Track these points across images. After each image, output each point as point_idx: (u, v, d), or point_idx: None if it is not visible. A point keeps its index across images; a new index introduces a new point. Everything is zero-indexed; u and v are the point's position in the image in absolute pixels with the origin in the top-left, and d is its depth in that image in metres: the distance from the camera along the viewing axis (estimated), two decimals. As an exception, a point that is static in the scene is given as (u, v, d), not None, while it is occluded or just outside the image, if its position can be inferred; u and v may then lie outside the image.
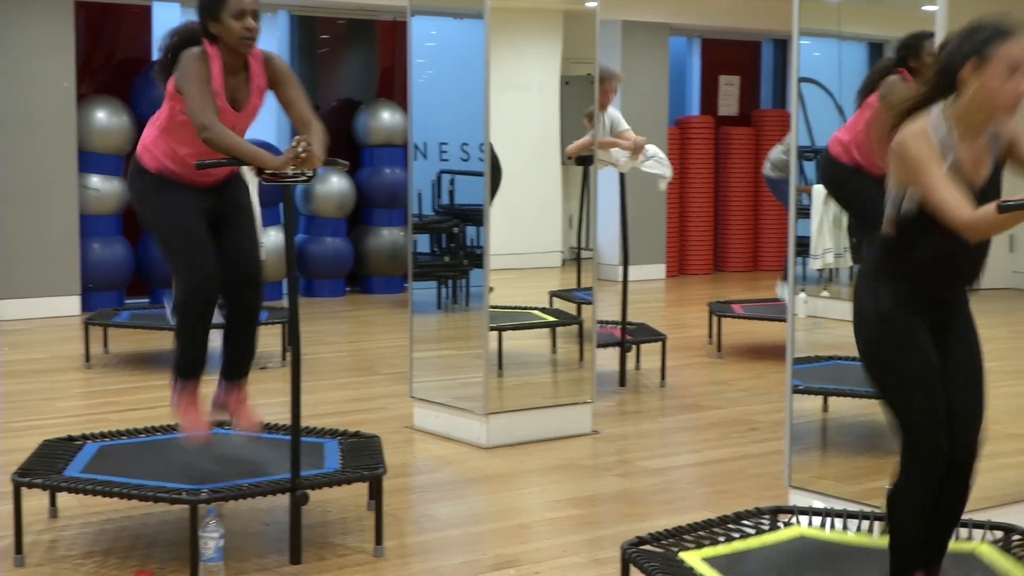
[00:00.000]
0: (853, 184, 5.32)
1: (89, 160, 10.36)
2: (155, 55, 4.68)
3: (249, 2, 4.41)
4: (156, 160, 4.56)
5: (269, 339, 8.45)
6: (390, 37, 12.35)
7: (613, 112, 7.44)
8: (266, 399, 6.72)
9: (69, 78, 10.09)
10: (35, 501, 4.68)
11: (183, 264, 4.54)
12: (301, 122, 4.55)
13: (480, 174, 6.10)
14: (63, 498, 4.83)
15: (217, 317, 4.71)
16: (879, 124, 3.57)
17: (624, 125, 7.48)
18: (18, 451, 5.46)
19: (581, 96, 6.79)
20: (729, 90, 14.57)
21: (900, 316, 3.36)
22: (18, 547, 4.31)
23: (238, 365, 4.75)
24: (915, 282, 3.37)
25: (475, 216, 6.33)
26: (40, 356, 8.47)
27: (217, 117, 4.35)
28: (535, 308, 7.26)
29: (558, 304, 7.33)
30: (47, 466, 4.52)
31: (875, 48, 6.42)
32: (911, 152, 3.23)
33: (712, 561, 3.73)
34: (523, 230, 7.15)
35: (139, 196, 4.66)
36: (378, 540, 4.47)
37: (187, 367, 4.62)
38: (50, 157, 10.03)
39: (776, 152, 8.76)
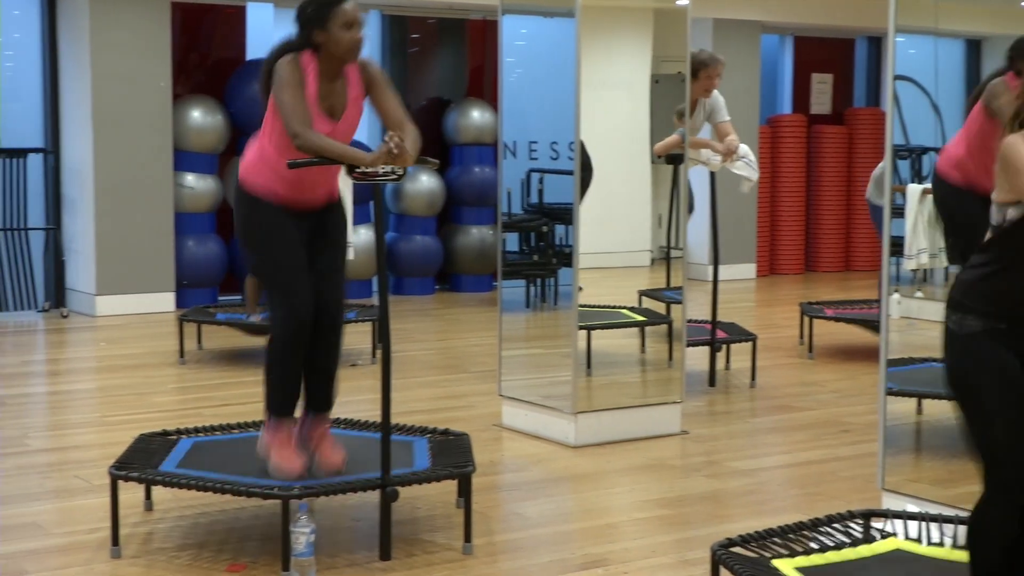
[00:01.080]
0: (966, 207, 5.16)
1: (184, 159, 10.52)
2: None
3: (357, 14, 4.42)
4: (260, 182, 4.52)
5: (359, 337, 8.52)
6: (480, 36, 12.38)
7: (717, 99, 7.35)
8: (356, 396, 6.78)
9: (165, 78, 10.25)
10: (131, 494, 4.75)
11: (281, 299, 4.50)
12: (395, 126, 4.52)
13: (569, 172, 6.09)
14: (158, 491, 4.90)
15: None
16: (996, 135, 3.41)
17: (725, 115, 7.38)
18: (114, 444, 5.56)
19: (671, 94, 6.75)
20: (821, 88, 14.41)
21: (986, 342, 3.26)
22: (115, 539, 4.38)
23: (321, 399, 4.68)
24: (1009, 303, 3.27)
25: (564, 215, 6.33)
26: (136, 352, 8.61)
27: (310, 124, 4.34)
28: (624, 307, 7.24)
29: (647, 303, 7.30)
30: (143, 460, 4.60)
31: (972, 45, 6.32)
32: (1017, 155, 3.14)
33: (806, 571, 3.68)
34: (612, 229, 7.13)
35: (242, 221, 4.60)
36: (467, 538, 4.48)
37: (281, 404, 4.57)
38: (146, 156, 10.20)
39: (879, 171, 8.56)
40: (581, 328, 6.31)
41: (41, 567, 4.32)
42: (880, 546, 3.95)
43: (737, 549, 3.73)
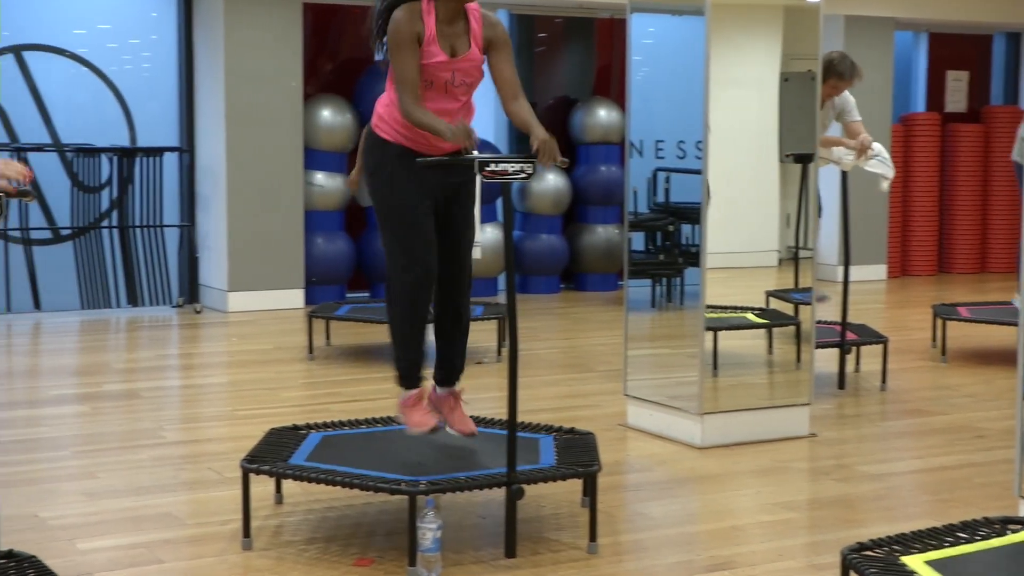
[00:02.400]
0: None
1: (314, 157, 10.68)
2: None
3: None
4: (391, 129, 4.58)
5: (485, 334, 8.56)
6: (607, 35, 12.36)
7: (847, 98, 7.24)
8: (482, 394, 6.81)
9: (297, 77, 10.41)
10: (262, 487, 4.83)
11: (404, 255, 4.55)
12: (508, 91, 4.55)
13: (697, 172, 6.05)
14: (288, 485, 4.98)
15: None
16: None
17: (855, 115, 7.27)
18: (245, 438, 5.67)
19: (801, 93, 6.66)
20: (957, 86, 14.09)
21: None
22: (246, 531, 4.46)
23: (451, 369, 4.78)
24: None
25: (691, 214, 6.28)
26: (265, 347, 8.77)
27: (419, 99, 4.40)
28: (751, 308, 7.16)
29: (774, 304, 7.20)
30: (274, 454, 4.67)
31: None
32: None
33: (936, 564, 3.60)
34: (739, 229, 7.05)
35: (373, 169, 4.63)
36: (592, 537, 4.47)
37: (408, 373, 4.67)
38: (277, 154, 10.37)
39: None
40: (708, 329, 6.25)
41: (176, 556, 4.42)
42: (1016, 537, 3.83)
43: (868, 554, 3.66)
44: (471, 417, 5.16)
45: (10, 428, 6.22)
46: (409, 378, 4.69)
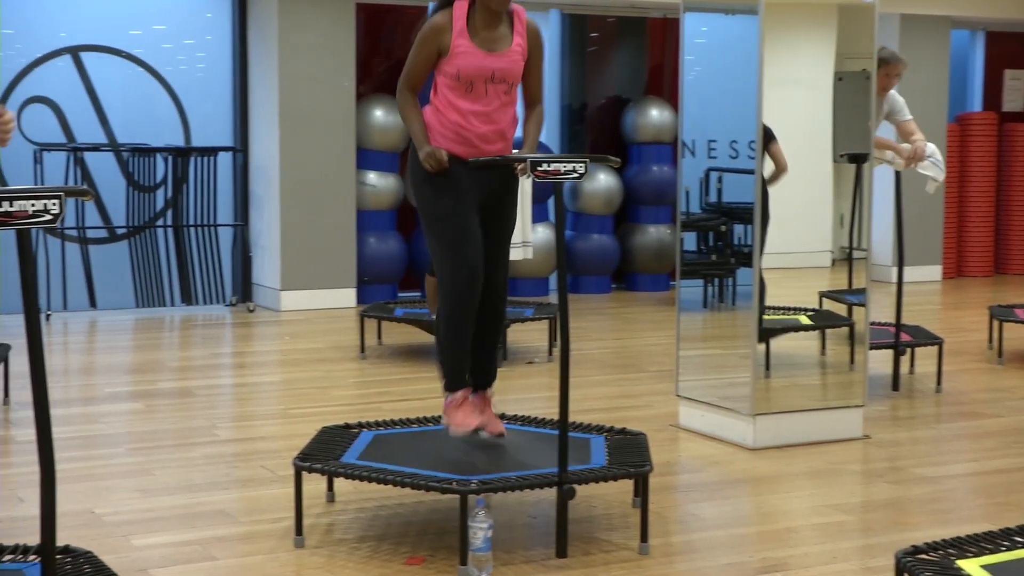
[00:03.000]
0: None
1: (366, 157, 10.72)
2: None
3: None
4: (436, 136, 4.62)
5: (536, 334, 8.56)
6: (660, 34, 12.32)
7: (895, 98, 7.19)
8: (533, 393, 6.81)
9: (349, 78, 10.46)
10: (314, 485, 4.85)
11: (453, 259, 4.58)
12: (528, 96, 4.75)
13: (749, 172, 6.02)
14: (339, 483, 5.00)
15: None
16: None
17: (906, 114, 7.20)
18: (297, 436, 5.70)
19: (855, 92, 6.61)
20: (1015, 85, 13.93)
21: None
22: (298, 528, 4.49)
23: (486, 372, 4.78)
24: None
25: (743, 214, 6.25)
26: (318, 346, 8.81)
27: (416, 89, 4.63)
28: (803, 309, 7.11)
29: (827, 305, 7.16)
30: (326, 452, 4.69)
31: None
32: None
33: (992, 568, 3.56)
34: (792, 229, 7.01)
35: (418, 180, 4.67)
36: (643, 538, 4.46)
37: (452, 380, 4.70)
38: (330, 155, 10.42)
39: None
40: (760, 330, 6.22)
41: (229, 553, 4.45)
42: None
43: (923, 557, 3.63)
44: (522, 416, 5.19)
45: (67, 425, 6.29)
46: (455, 380, 4.70)
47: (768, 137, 6.10)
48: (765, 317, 6.25)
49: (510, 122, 4.67)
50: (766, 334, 6.39)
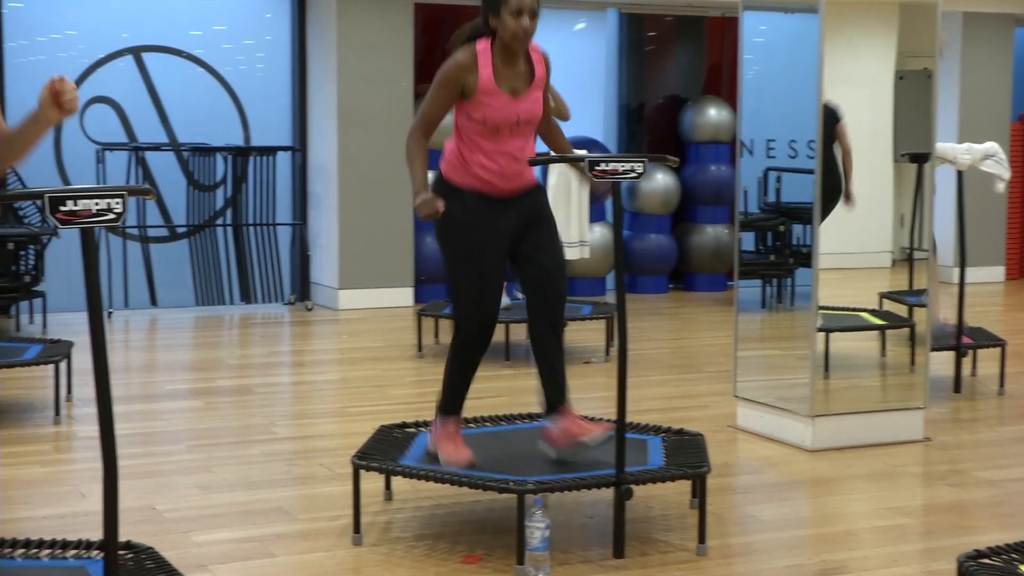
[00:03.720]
0: None
1: (424, 157, 10.73)
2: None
3: (529, 2, 4.49)
4: (463, 174, 4.59)
5: (593, 334, 8.55)
6: (718, 33, 12.27)
7: None
8: (590, 393, 6.80)
9: (408, 77, 10.49)
10: (371, 484, 4.87)
11: (468, 304, 4.58)
12: (546, 118, 4.74)
13: (808, 172, 5.98)
14: (397, 482, 5.01)
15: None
16: None
17: None
18: (355, 435, 5.73)
19: (916, 91, 6.54)
20: (1080, 83, 13.73)
21: None
22: (356, 527, 4.51)
23: (559, 391, 4.67)
24: None
25: (802, 214, 6.21)
26: (375, 345, 8.84)
27: (428, 133, 4.54)
28: (863, 309, 7.05)
29: (888, 306, 7.09)
30: (384, 451, 4.71)
31: None
32: None
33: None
34: (852, 229, 6.95)
35: (442, 216, 4.53)
36: (701, 539, 4.44)
37: (450, 402, 4.70)
38: (388, 153, 10.45)
39: None
40: (819, 331, 6.18)
41: (287, 551, 4.48)
42: None
43: (985, 561, 3.59)
44: (580, 417, 5.16)
45: (128, 422, 6.36)
46: (451, 404, 4.71)
47: (835, 118, 6.04)
48: (826, 314, 6.20)
49: (530, 153, 4.68)
50: (825, 335, 6.35)
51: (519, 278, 4.79)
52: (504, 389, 7.09)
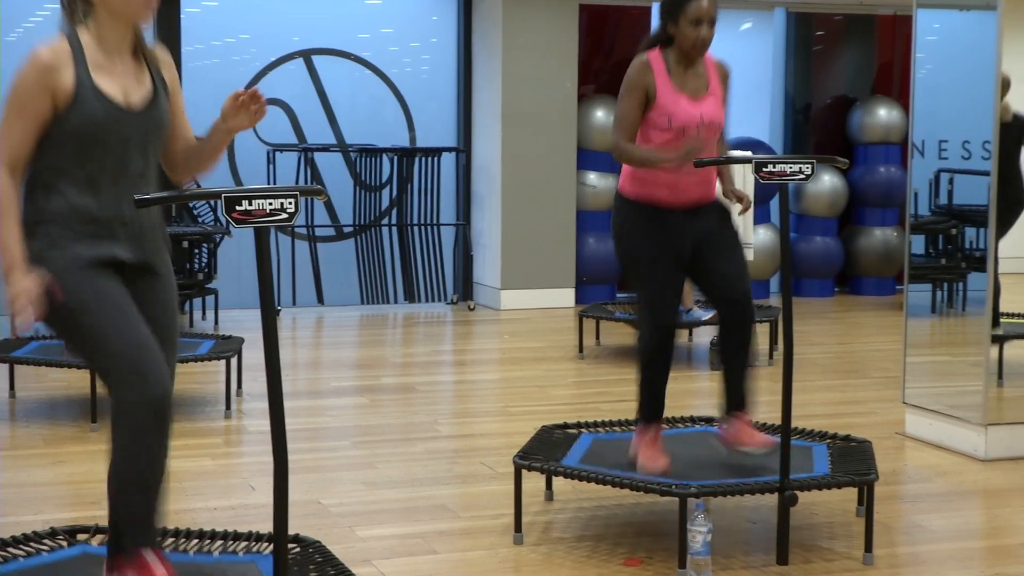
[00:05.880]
0: None
1: (587, 157, 10.75)
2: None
3: (708, 10, 4.49)
4: (637, 188, 4.62)
5: (757, 337, 8.42)
6: (889, 32, 12.00)
7: None
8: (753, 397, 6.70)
9: (572, 78, 10.51)
10: (533, 483, 4.89)
11: (649, 313, 4.63)
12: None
13: (983, 173, 5.81)
14: (558, 482, 5.02)
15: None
16: None
17: None
18: (516, 434, 5.76)
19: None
20: None
21: None
22: (517, 526, 4.53)
23: (740, 396, 4.68)
24: None
25: (975, 217, 6.04)
26: (536, 345, 8.88)
27: (632, 138, 4.53)
28: (1041, 315, 6.82)
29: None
30: (545, 451, 4.72)
31: None
32: None
33: None
34: (1028, 233, 6.74)
35: (620, 230, 4.66)
36: (867, 547, 4.34)
37: (649, 410, 4.70)
38: (551, 155, 10.49)
39: None
40: (994, 337, 5.99)
41: (449, 548, 4.52)
42: None
43: None
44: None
45: (295, 417, 6.49)
46: (650, 413, 4.71)
47: None
48: (1006, 322, 6.02)
49: (713, 173, 4.68)
50: (1000, 341, 6.17)
51: (701, 291, 4.81)
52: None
